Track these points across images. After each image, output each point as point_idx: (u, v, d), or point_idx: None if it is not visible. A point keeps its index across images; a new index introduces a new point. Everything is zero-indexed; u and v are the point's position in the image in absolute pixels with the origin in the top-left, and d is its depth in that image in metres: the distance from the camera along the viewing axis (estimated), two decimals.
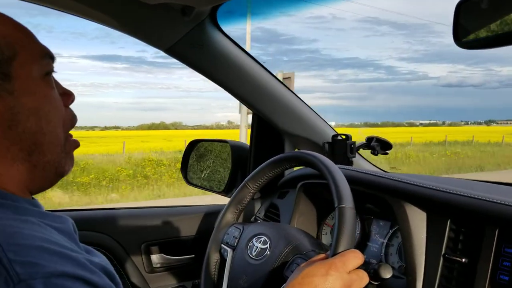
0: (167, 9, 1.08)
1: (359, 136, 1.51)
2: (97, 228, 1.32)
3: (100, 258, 0.59)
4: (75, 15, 1.10)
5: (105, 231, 1.33)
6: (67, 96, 0.66)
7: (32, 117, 0.59)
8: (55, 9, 1.08)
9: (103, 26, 1.13)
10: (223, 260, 1.05)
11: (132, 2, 1.03)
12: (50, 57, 0.63)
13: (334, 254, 0.73)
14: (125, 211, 1.45)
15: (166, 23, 1.13)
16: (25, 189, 0.61)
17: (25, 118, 0.58)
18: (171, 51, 1.21)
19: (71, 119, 0.66)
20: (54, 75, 0.65)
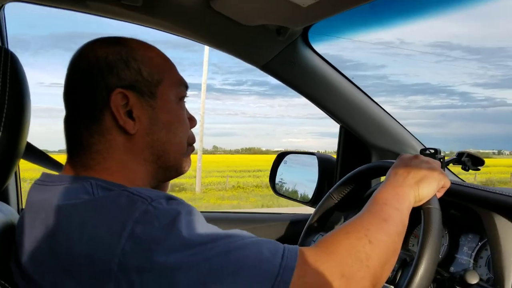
0: (264, 30, 1.19)
1: None
2: None
3: None
4: (176, 35, 1.25)
5: None
6: (191, 120, 0.81)
7: (164, 130, 0.73)
8: (156, 29, 1.20)
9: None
10: None
11: (233, 24, 1.16)
12: (185, 86, 0.78)
13: (421, 253, 0.76)
14: (213, 214, 1.57)
15: (262, 42, 1.24)
16: (148, 185, 0.75)
17: (159, 129, 0.72)
18: (266, 68, 1.32)
19: (192, 138, 0.81)
20: None
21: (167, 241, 0.56)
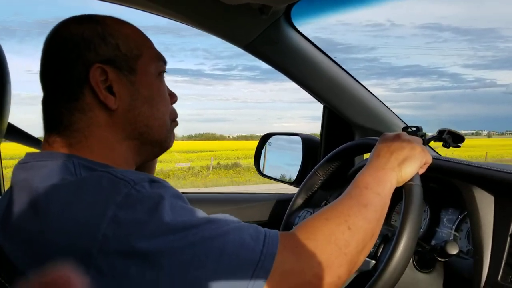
0: (246, 9, 1.18)
1: None
2: None
3: None
4: (158, 15, 1.24)
5: None
6: (172, 96, 0.80)
7: (146, 104, 0.72)
8: (137, 9, 1.19)
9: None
10: None
11: (216, 3, 1.14)
12: (163, 61, 0.77)
13: (402, 228, 0.77)
14: (198, 196, 1.58)
15: (245, 21, 1.23)
16: (132, 162, 0.74)
17: (141, 104, 0.71)
18: (249, 48, 1.31)
19: (174, 113, 0.81)
20: None
21: (150, 225, 0.55)
